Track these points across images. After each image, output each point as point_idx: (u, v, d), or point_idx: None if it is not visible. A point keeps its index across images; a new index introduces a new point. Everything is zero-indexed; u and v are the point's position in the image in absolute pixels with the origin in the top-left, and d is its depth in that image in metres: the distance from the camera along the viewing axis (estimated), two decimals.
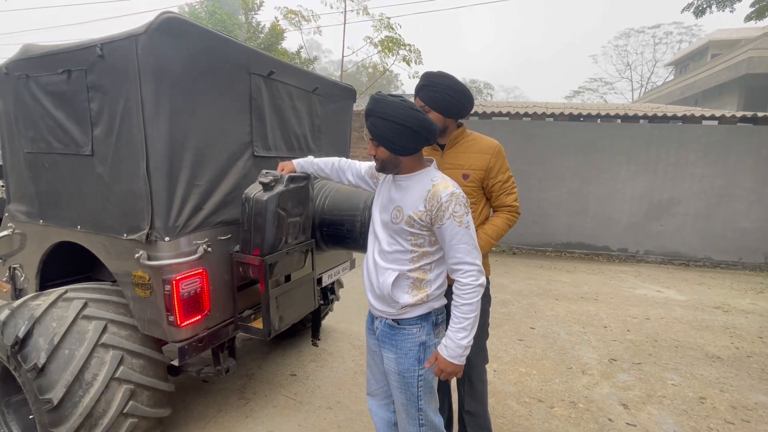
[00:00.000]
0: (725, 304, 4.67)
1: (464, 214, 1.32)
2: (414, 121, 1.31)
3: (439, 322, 1.47)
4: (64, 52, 1.78)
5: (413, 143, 1.33)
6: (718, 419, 2.46)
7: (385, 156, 1.38)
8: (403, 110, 1.31)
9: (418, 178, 1.39)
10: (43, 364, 1.57)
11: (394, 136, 1.31)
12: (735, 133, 6.24)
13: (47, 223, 2.04)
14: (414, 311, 1.40)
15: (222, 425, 2.25)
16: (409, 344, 1.41)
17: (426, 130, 1.34)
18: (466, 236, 1.32)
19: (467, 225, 1.32)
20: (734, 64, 13.61)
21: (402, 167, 1.40)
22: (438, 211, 1.30)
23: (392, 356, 1.44)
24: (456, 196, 1.31)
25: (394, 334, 1.44)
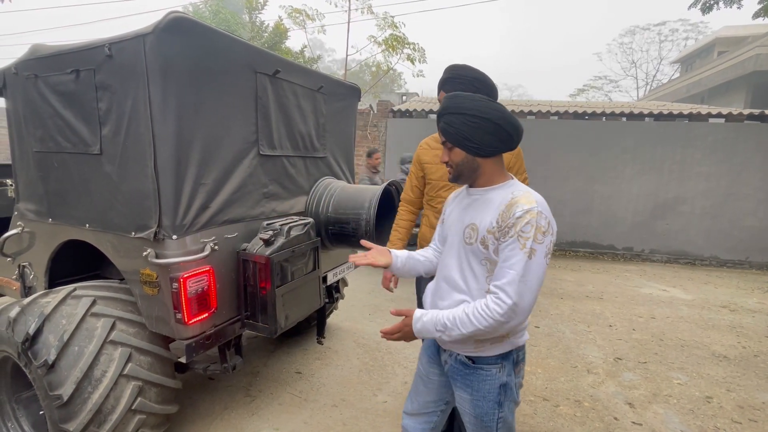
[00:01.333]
0: (732, 303, 4.63)
1: (533, 240, 1.05)
2: (495, 113, 1.13)
3: (520, 360, 1.27)
4: (72, 52, 1.80)
5: (494, 140, 1.14)
6: (725, 419, 2.44)
7: (460, 159, 1.19)
8: (482, 102, 1.14)
9: (498, 192, 1.17)
10: (53, 360, 1.59)
11: (471, 132, 1.13)
12: (742, 131, 6.19)
13: (56, 221, 2.06)
14: (493, 349, 1.19)
15: (228, 422, 2.27)
16: (488, 386, 1.22)
17: (510, 124, 1.14)
18: (523, 265, 1.05)
19: (531, 254, 1.05)
20: (741, 62, 13.47)
21: (479, 175, 1.20)
22: (507, 226, 1.08)
23: (467, 397, 1.25)
24: (532, 215, 1.06)
25: (469, 374, 1.23)
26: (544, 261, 1.08)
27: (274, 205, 2.23)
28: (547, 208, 1.11)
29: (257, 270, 1.89)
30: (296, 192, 2.41)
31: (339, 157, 2.86)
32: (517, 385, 1.26)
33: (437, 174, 1.86)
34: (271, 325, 1.92)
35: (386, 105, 7.44)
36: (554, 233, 1.10)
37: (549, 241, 1.08)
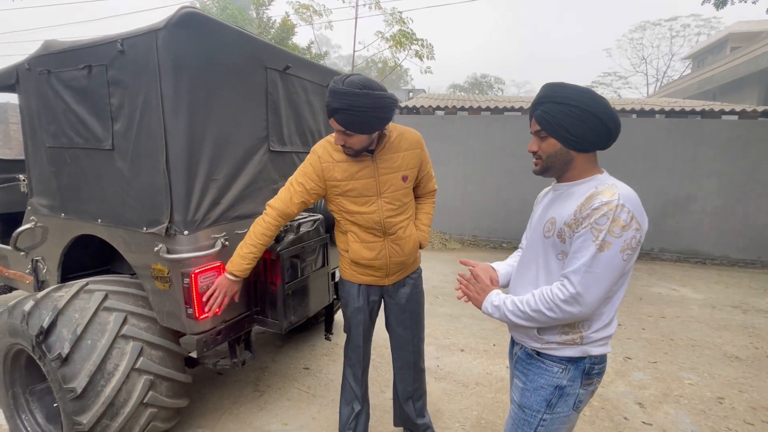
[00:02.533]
0: (744, 303, 4.56)
1: (607, 232, 0.99)
2: (599, 107, 1.06)
3: (594, 373, 1.14)
4: (84, 47, 1.80)
5: (594, 136, 1.08)
6: (737, 420, 2.41)
7: (553, 150, 1.12)
8: (588, 94, 1.08)
9: (583, 186, 1.11)
10: (66, 353, 1.61)
11: (572, 124, 1.06)
12: (756, 128, 6.07)
13: (68, 216, 2.08)
14: (561, 350, 1.13)
15: (237, 417, 2.29)
16: (543, 381, 1.15)
17: (613, 120, 1.07)
18: (591, 255, 1.00)
19: (604, 246, 0.99)
20: (755, 57, 13.20)
21: (570, 169, 1.14)
22: (582, 217, 1.03)
23: (520, 385, 1.22)
24: (611, 207, 0.99)
25: (530, 363, 1.19)
26: (620, 256, 1.00)
27: None
28: (634, 202, 1.02)
29: (267, 266, 1.90)
30: None
31: None
32: (580, 397, 1.15)
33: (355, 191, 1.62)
34: (281, 321, 1.92)
35: None
36: (640, 230, 1.02)
37: (630, 236, 1.00)
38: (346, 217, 1.69)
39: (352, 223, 1.68)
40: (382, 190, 1.64)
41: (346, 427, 1.92)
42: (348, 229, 1.71)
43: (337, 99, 1.44)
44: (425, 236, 1.84)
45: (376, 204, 1.65)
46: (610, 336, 1.13)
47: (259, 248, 1.64)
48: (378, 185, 1.64)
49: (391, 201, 1.66)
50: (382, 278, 1.78)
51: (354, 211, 1.65)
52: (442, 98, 8.79)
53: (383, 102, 1.46)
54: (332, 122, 1.50)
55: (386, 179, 1.64)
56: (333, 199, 1.68)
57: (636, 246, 1.03)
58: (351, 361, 1.91)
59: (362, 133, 1.50)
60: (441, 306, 4.07)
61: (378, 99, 1.45)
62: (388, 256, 1.72)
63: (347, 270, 1.80)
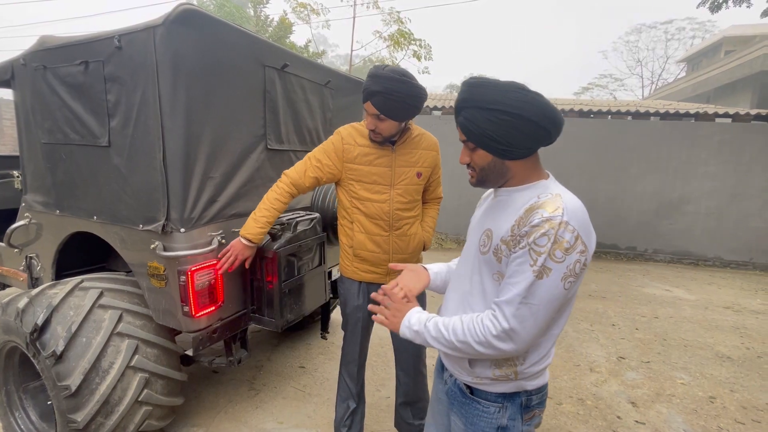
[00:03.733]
0: (735, 304, 4.62)
1: (547, 255, 0.84)
2: (531, 108, 0.89)
3: (534, 405, 1.02)
4: (81, 43, 1.79)
5: (529, 141, 0.92)
6: (728, 419, 2.45)
7: (485, 163, 0.97)
8: (516, 94, 0.90)
9: (524, 193, 0.96)
10: (61, 351, 1.60)
11: (501, 133, 0.90)
12: (749, 131, 6.15)
13: (63, 213, 2.07)
14: (495, 386, 1.00)
15: (232, 415, 2.29)
16: (483, 423, 1.02)
17: (548, 119, 0.91)
18: (527, 285, 0.86)
19: (543, 273, 0.85)
20: (749, 61, 13.35)
21: (510, 177, 0.98)
22: (520, 235, 0.88)
23: (461, 427, 1.08)
24: (552, 224, 0.84)
25: (465, 403, 1.06)
26: (560, 285, 0.85)
27: None
28: (580, 218, 0.87)
29: (264, 264, 1.90)
30: None
31: None
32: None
33: (370, 178, 1.65)
34: (278, 320, 1.92)
35: None
36: (586, 253, 0.86)
37: (573, 261, 0.84)
38: (356, 205, 1.70)
39: (361, 211, 1.69)
40: (396, 181, 1.68)
41: (342, 425, 1.92)
42: (355, 218, 1.71)
43: (377, 83, 1.50)
44: (429, 237, 1.86)
45: (388, 194, 1.67)
46: (547, 366, 1.02)
47: (272, 213, 1.67)
48: (393, 175, 1.67)
49: (403, 194, 1.69)
50: (383, 276, 1.77)
51: (365, 198, 1.67)
52: (439, 98, 8.80)
53: (418, 92, 1.54)
54: (368, 105, 1.55)
55: (402, 171, 1.68)
56: (346, 184, 1.70)
57: (579, 272, 0.87)
58: (347, 359, 1.91)
59: (394, 118, 1.56)
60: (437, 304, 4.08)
61: (414, 88, 1.52)
62: (392, 252, 1.72)
63: (348, 267, 1.80)
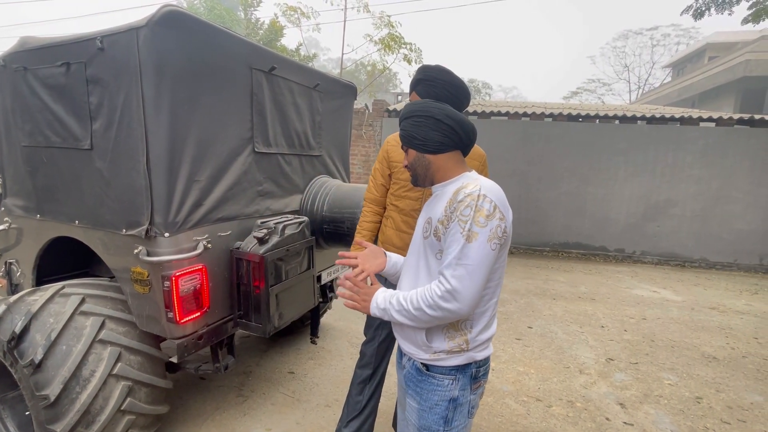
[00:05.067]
0: (721, 304, 4.70)
1: (472, 221, 1.02)
2: (437, 110, 1.15)
3: (480, 376, 1.18)
4: (62, 44, 1.76)
5: (438, 135, 1.15)
6: (714, 419, 2.47)
7: (413, 159, 1.21)
8: (428, 104, 1.18)
9: (453, 185, 1.16)
10: (39, 360, 1.55)
11: (416, 130, 1.17)
12: (732, 135, 6.28)
13: (44, 218, 2.02)
14: (449, 359, 1.14)
15: (220, 423, 2.24)
16: (437, 398, 1.15)
17: (450, 119, 1.15)
18: (460, 248, 1.02)
19: (471, 237, 1.01)
20: (731, 67, 13.69)
21: (434, 171, 1.20)
22: (451, 212, 1.07)
23: (415, 406, 1.19)
24: (473, 197, 1.04)
25: (421, 380, 1.18)
26: (487, 245, 1.02)
27: (268, 203, 2.20)
28: (496, 193, 1.07)
29: (251, 269, 1.87)
30: (291, 190, 2.39)
31: (335, 156, 2.85)
32: (472, 403, 1.18)
33: (406, 174, 1.76)
34: (265, 325, 1.90)
35: (382, 104, 7.42)
36: (504, 220, 1.05)
37: (495, 225, 1.03)
38: (393, 201, 1.83)
39: (396, 208, 1.81)
40: None
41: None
42: (389, 214, 1.84)
43: (421, 72, 1.61)
44: None
45: (421, 192, 1.76)
46: (491, 337, 1.17)
47: (363, 234, 1.87)
48: None
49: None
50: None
51: (401, 195, 1.79)
52: None
53: (459, 83, 1.60)
54: (413, 96, 1.65)
55: None
56: (392, 180, 1.85)
57: (502, 235, 1.05)
58: (362, 362, 1.92)
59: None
60: None
61: (455, 78, 1.60)
62: None
63: None
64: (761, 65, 12.64)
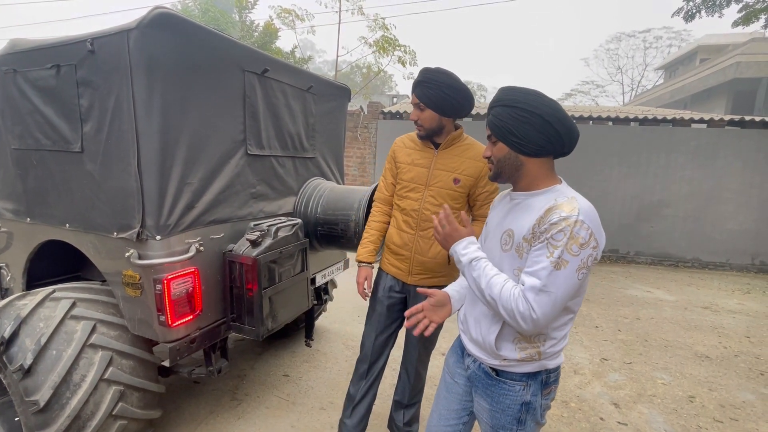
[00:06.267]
0: (713, 304, 4.74)
1: (564, 248, 0.95)
2: (547, 109, 1.03)
3: (551, 382, 1.16)
4: (52, 46, 1.75)
5: (541, 138, 1.04)
6: (707, 418, 2.49)
7: (502, 154, 1.10)
8: (536, 97, 1.05)
9: (541, 197, 1.07)
10: (29, 365, 1.53)
11: (518, 126, 1.04)
12: (723, 136, 6.35)
13: (34, 221, 2.00)
14: (521, 367, 1.12)
15: (214, 427, 2.23)
16: (509, 401, 1.14)
17: (561, 123, 1.03)
18: (546, 274, 0.96)
19: (560, 264, 0.96)
20: (722, 69, 13.87)
21: (522, 175, 1.11)
22: (540, 232, 1.00)
23: (486, 407, 1.19)
24: (569, 222, 0.96)
25: (492, 384, 1.17)
26: (575, 275, 0.97)
27: (261, 205, 2.20)
28: (593, 219, 0.99)
29: (244, 271, 1.86)
30: (285, 192, 2.39)
31: (328, 158, 2.85)
32: (544, 407, 1.17)
33: (408, 175, 1.79)
34: (258, 328, 1.89)
35: (377, 106, 7.44)
36: (597, 248, 0.99)
37: (587, 255, 0.97)
38: (396, 201, 1.86)
39: (399, 207, 1.85)
40: (431, 183, 1.75)
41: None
42: (394, 213, 1.89)
43: (420, 74, 1.64)
44: None
45: (421, 193, 1.76)
46: (563, 348, 1.15)
47: (371, 232, 1.90)
48: (429, 177, 1.75)
49: (435, 196, 1.74)
50: (405, 275, 1.84)
51: (403, 195, 1.81)
52: None
53: (458, 85, 1.61)
54: (412, 98, 1.69)
55: (438, 174, 1.74)
56: (397, 181, 1.87)
57: (591, 265, 1.00)
58: (360, 355, 1.96)
59: (434, 109, 1.63)
60: None
61: (453, 80, 1.60)
62: (413, 251, 1.79)
63: (384, 258, 1.94)
64: (752, 67, 12.82)
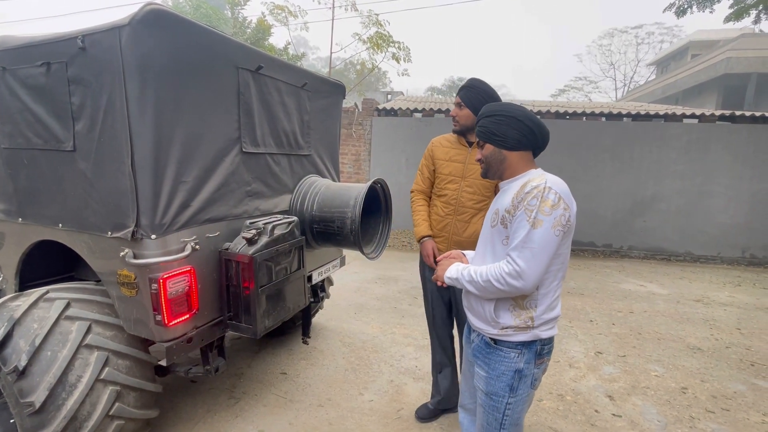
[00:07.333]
0: (705, 297, 4.81)
1: (537, 210, 1.16)
2: (518, 111, 1.30)
3: (545, 353, 1.33)
4: (42, 43, 1.72)
5: (517, 134, 1.29)
6: (699, 408, 2.53)
7: (488, 153, 1.35)
8: (509, 105, 1.34)
9: (521, 179, 1.30)
10: (24, 366, 1.52)
11: (497, 127, 1.31)
12: (714, 131, 6.42)
13: (26, 221, 1.97)
14: (516, 335, 1.28)
15: (211, 425, 2.23)
16: (503, 368, 1.31)
17: (531, 120, 1.29)
18: (526, 233, 1.16)
19: (536, 224, 1.15)
20: (713, 64, 13.99)
21: (506, 166, 1.34)
22: (518, 201, 1.22)
23: (483, 374, 1.36)
24: (539, 189, 1.18)
25: (490, 352, 1.34)
26: (551, 232, 1.16)
27: (257, 203, 2.19)
28: (560, 186, 1.21)
29: (240, 270, 1.86)
30: (280, 190, 2.38)
31: (324, 155, 2.84)
32: (535, 376, 1.32)
33: (447, 170, 2.11)
34: (255, 326, 1.88)
35: (371, 103, 7.42)
36: (569, 210, 1.19)
37: (559, 215, 1.16)
38: (437, 191, 2.16)
39: (438, 196, 2.15)
40: (467, 175, 2.07)
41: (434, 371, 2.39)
42: (433, 202, 2.19)
43: (468, 81, 2.03)
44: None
45: (458, 185, 2.08)
46: (556, 319, 1.32)
47: (419, 213, 2.20)
48: (464, 170, 2.07)
49: (471, 186, 2.06)
50: (445, 249, 2.12)
51: (443, 187, 2.13)
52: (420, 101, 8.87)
53: (495, 96, 1.96)
54: (456, 98, 2.05)
55: (472, 167, 2.05)
56: (435, 175, 2.18)
57: (566, 224, 1.19)
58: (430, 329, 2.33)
59: (470, 108, 1.99)
60: (420, 307, 4.09)
61: (492, 91, 1.97)
62: (451, 232, 2.10)
63: None
64: (742, 63, 12.95)
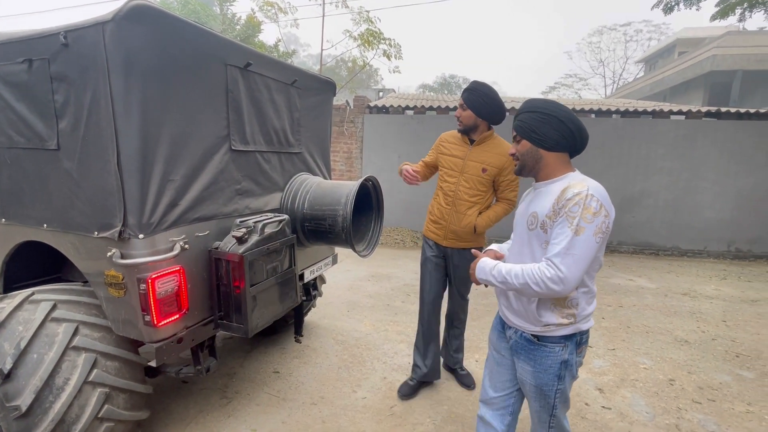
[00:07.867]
0: (692, 290, 4.90)
1: (580, 218, 1.17)
2: (561, 112, 1.28)
3: (583, 342, 1.39)
4: (23, 40, 1.68)
5: (557, 135, 1.28)
6: (686, 399, 2.59)
7: (525, 150, 1.34)
8: (552, 103, 1.31)
9: (558, 183, 1.30)
10: (9, 369, 1.49)
11: (538, 125, 1.29)
12: (700, 127, 6.52)
13: (10, 222, 1.93)
14: (559, 331, 1.32)
15: (204, 426, 2.21)
16: (550, 361, 1.35)
17: (573, 122, 1.27)
18: (569, 240, 1.17)
19: (578, 231, 1.17)
20: (699, 62, 14.22)
21: (542, 166, 1.33)
22: (559, 208, 1.22)
23: (529, 369, 1.39)
24: (581, 196, 1.18)
25: (534, 349, 1.37)
26: (593, 239, 1.18)
27: (247, 201, 2.17)
28: (602, 193, 1.22)
29: (230, 269, 1.84)
30: (271, 188, 2.36)
31: (315, 153, 2.82)
32: (578, 363, 1.39)
33: (448, 163, 2.33)
34: (246, 325, 1.87)
35: (363, 101, 7.39)
36: (609, 217, 1.21)
37: (600, 222, 1.18)
38: (439, 183, 2.39)
39: (440, 188, 2.37)
40: (464, 170, 2.27)
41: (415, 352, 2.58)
42: (437, 192, 2.41)
43: (470, 84, 2.21)
44: (481, 223, 2.29)
45: (457, 179, 2.29)
46: (593, 311, 1.37)
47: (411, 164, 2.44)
48: (463, 165, 2.28)
49: (468, 181, 2.26)
50: (441, 239, 2.39)
51: (443, 179, 2.35)
52: (412, 98, 8.86)
53: (496, 98, 2.16)
54: (460, 100, 2.22)
55: (470, 164, 2.26)
56: (440, 167, 2.39)
57: (606, 230, 1.21)
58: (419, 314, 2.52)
59: (473, 110, 2.17)
60: (413, 304, 4.11)
61: (494, 94, 2.16)
62: (448, 221, 2.33)
63: (426, 226, 2.49)
64: (727, 60, 13.18)
